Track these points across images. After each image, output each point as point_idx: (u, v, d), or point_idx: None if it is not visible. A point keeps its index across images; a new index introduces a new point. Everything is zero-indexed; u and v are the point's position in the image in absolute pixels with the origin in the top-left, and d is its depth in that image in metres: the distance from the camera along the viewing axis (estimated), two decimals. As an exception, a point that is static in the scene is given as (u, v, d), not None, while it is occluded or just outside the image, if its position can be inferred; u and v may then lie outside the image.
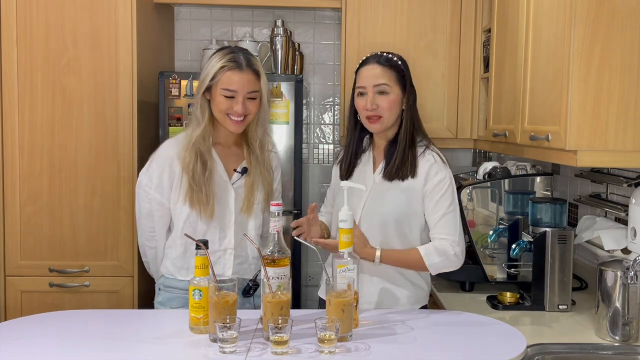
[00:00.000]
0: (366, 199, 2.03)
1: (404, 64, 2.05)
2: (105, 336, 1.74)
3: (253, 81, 2.01)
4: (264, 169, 2.12)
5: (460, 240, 1.98)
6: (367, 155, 2.11)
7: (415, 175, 1.99)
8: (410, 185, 2.00)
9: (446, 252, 1.95)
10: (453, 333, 1.82)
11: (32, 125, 2.77)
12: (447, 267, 1.98)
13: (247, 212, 2.09)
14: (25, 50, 2.75)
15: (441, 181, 1.98)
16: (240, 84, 1.99)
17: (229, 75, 1.98)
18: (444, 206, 1.97)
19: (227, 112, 2.00)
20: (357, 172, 2.09)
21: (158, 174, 2.07)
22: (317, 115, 3.59)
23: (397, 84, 2.00)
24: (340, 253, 1.80)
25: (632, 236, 1.88)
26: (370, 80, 1.99)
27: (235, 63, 1.99)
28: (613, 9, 1.74)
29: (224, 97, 1.99)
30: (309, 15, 3.52)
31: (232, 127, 2.03)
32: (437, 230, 1.98)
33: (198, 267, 1.76)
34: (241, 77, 1.99)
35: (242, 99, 1.99)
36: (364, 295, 1.99)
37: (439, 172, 1.99)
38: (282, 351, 1.58)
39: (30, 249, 2.82)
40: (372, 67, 2.00)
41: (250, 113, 2.03)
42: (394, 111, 2.00)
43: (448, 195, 1.98)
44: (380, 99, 1.98)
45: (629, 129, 1.77)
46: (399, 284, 2.04)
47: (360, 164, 2.10)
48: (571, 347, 1.87)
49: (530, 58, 2.13)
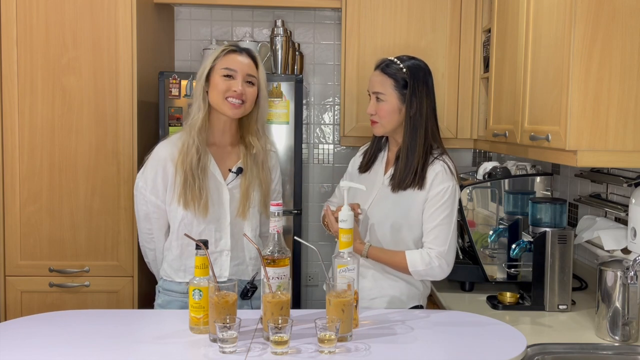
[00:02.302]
0: (373, 199, 2.06)
1: (411, 71, 2.00)
2: (105, 336, 1.74)
3: (252, 66, 2.06)
4: (260, 168, 2.11)
5: (448, 253, 1.97)
6: (383, 155, 2.15)
7: (423, 187, 1.98)
8: (414, 194, 2.00)
9: (431, 263, 1.96)
10: (453, 333, 1.82)
11: (32, 125, 2.77)
12: (430, 277, 2.00)
13: (242, 215, 2.08)
14: (25, 50, 2.75)
15: (443, 191, 1.97)
16: (240, 65, 2.04)
17: (229, 56, 2.05)
18: (439, 217, 1.97)
19: (225, 94, 2.01)
20: (374, 168, 2.14)
21: (152, 176, 2.07)
22: (317, 115, 3.59)
23: (394, 93, 2.01)
24: (340, 253, 1.80)
25: (632, 236, 1.88)
26: (370, 86, 2.06)
27: (235, 47, 2.08)
28: (613, 9, 1.74)
29: (223, 77, 2.02)
30: (309, 15, 3.52)
31: (230, 111, 2.02)
32: (428, 239, 1.99)
33: (198, 267, 1.76)
34: (240, 58, 2.05)
35: (241, 79, 2.02)
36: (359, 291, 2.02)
37: (443, 181, 1.98)
38: (282, 351, 1.58)
39: (30, 249, 2.82)
40: (375, 73, 2.06)
41: (248, 99, 2.04)
42: (391, 119, 2.02)
43: (447, 206, 1.98)
44: (377, 105, 2.03)
45: (629, 129, 1.77)
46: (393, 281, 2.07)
47: (377, 162, 2.15)
48: (571, 347, 1.87)
49: (530, 58, 2.13)
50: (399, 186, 2.00)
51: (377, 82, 2.03)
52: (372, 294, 2.06)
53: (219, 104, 2.03)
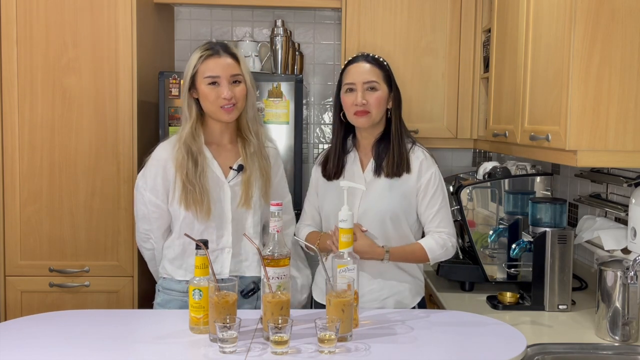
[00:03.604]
0: (361, 198, 2.05)
1: (388, 65, 2.11)
2: (105, 336, 1.74)
3: (233, 65, 2.04)
4: (260, 158, 2.11)
5: (454, 231, 2.10)
6: (352, 155, 2.14)
7: (410, 171, 2.06)
8: (404, 181, 2.06)
9: (445, 245, 2.06)
10: (453, 333, 1.82)
11: (32, 125, 2.77)
12: (445, 257, 2.10)
13: (245, 205, 2.07)
14: (25, 50, 2.75)
15: (432, 177, 2.06)
16: (221, 68, 2.01)
17: (208, 62, 2.02)
18: (438, 201, 2.06)
19: (216, 102, 2.01)
20: (347, 172, 2.12)
21: (152, 176, 2.08)
22: (317, 115, 3.59)
23: (384, 82, 2.07)
24: (340, 253, 1.80)
25: (632, 236, 1.88)
26: (359, 77, 2.04)
27: (211, 50, 2.04)
28: (613, 9, 1.74)
29: (208, 85, 2.01)
30: (309, 15, 3.52)
31: (224, 116, 2.03)
32: (434, 224, 2.07)
33: (198, 267, 1.76)
34: (219, 61, 2.02)
35: (226, 83, 2.01)
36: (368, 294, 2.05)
37: (430, 167, 2.07)
38: (282, 351, 1.58)
39: (30, 249, 2.81)
40: (361, 65, 2.06)
41: (238, 100, 2.03)
42: (381, 108, 2.06)
43: (440, 190, 2.08)
44: (369, 95, 2.03)
45: (629, 129, 1.77)
46: (400, 279, 2.09)
47: (347, 164, 2.13)
48: (571, 347, 1.87)
49: (530, 58, 2.12)
50: (396, 173, 2.05)
51: (369, 72, 2.04)
52: (383, 294, 2.07)
53: (213, 112, 2.04)
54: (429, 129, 3.00)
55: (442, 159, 3.37)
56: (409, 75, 2.98)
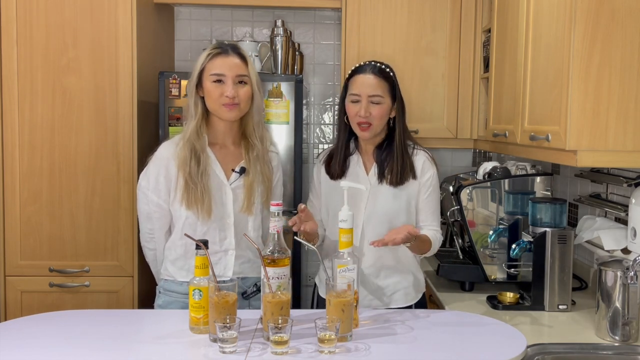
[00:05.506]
0: (367, 201, 2.09)
1: (394, 75, 2.14)
2: (105, 336, 1.74)
3: (240, 65, 2.04)
4: (263, 164, 2.11)
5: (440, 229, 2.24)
6: (355, 157, 2.17)
7: (415, 176, 2.13)
8: (411, 184, 2.12)
9: (439, 241, 2.19)
10: (453, 333, 1.82)
11: (32, 125, 2.77)
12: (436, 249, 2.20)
13: (247, 211, 2.08)
14: (25, 50, 2.75)
15: (432, 177, 2.15)
16: (227, 67, 2.02)
17: (215, 60, 2.03)
18: (433, 201, 2.17)
19: (219, 99, 2.01)
20: (351, 173, 2.14)
21: (155, 175, 2.07)
22: (317, 115, 3.59)
23: (389, 95, 2.10)
24: (340, 253, 1.80)
25: (632, 236, 1.88)
26: (365, 90, 2.06)
27: (220, 49, 2.05)
28: (613, 9, 1.74)
29: (214, 83, 2.01)
30: (309, 15, 3.52)
31: (226, 114, 2.03)
32: (429, 221, 2.16)
33: (198, 267, 1.76)
34: (227, 60, 2.03)
35: (231, 82, 2.01)
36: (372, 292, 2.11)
37: (430, 168, 2.16)
38: (282, 351, 1.58)
39: (30, 249, 2.82)
40: (368, 77, 2.08)
41: (241, 100, 2.03)
42: (384, 120, 2.10)
43: (436, 190, 2.18)
44: (373, 108, 2.06)
45: (629, 129, 1.77)
46: (403, 275, 2.16)
47: (351, 166, 2.16)
48: (571, 347, 1.87)
49: (530, 58, 2.12)
50: (400, 182, 2.10)
51: (374, 85, 2.06)
52: (389, 290, 2.14)
53: (215, 110, 2.04)
54: (429, 129, 3.00)
55: (442, 159, 3.38)
56: (409, 75, 2.98)
